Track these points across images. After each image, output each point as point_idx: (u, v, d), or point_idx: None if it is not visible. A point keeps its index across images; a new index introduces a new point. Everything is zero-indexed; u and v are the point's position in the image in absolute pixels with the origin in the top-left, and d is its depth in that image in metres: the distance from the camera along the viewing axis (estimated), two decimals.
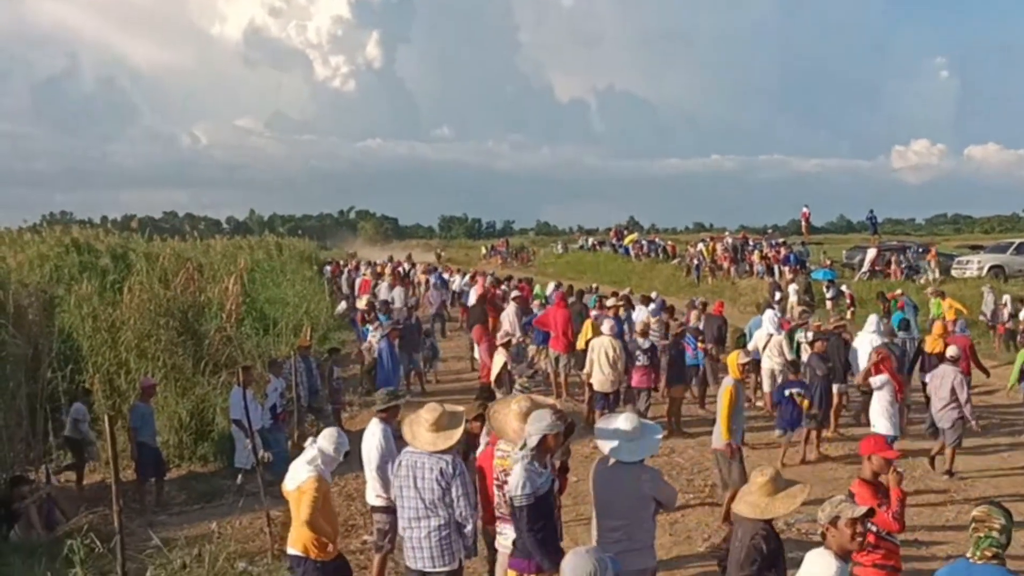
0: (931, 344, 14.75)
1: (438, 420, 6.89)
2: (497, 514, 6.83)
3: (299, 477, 7.03)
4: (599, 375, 14.28)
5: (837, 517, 4.91)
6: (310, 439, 7.29)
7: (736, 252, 41.21)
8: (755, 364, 14.74)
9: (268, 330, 19.93)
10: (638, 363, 14.42)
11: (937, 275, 32.45)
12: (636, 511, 6.28)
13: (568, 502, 7.79)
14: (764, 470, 5.86)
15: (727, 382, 10.39)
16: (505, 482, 6.65)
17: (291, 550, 7.14)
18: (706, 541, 9.84)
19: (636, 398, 14.46)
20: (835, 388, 14.25)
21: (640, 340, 14.62)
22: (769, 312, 17.61)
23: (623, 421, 6.53)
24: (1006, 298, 24.36)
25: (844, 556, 4.95)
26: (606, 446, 6.45)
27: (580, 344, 16.27)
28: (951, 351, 12.75)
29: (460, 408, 7.51)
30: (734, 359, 10.63)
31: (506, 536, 6.73)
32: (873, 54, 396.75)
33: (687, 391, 15.22)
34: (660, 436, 6.61)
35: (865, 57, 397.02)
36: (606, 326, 14.90)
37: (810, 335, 15.28)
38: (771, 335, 15.67)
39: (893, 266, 33.55)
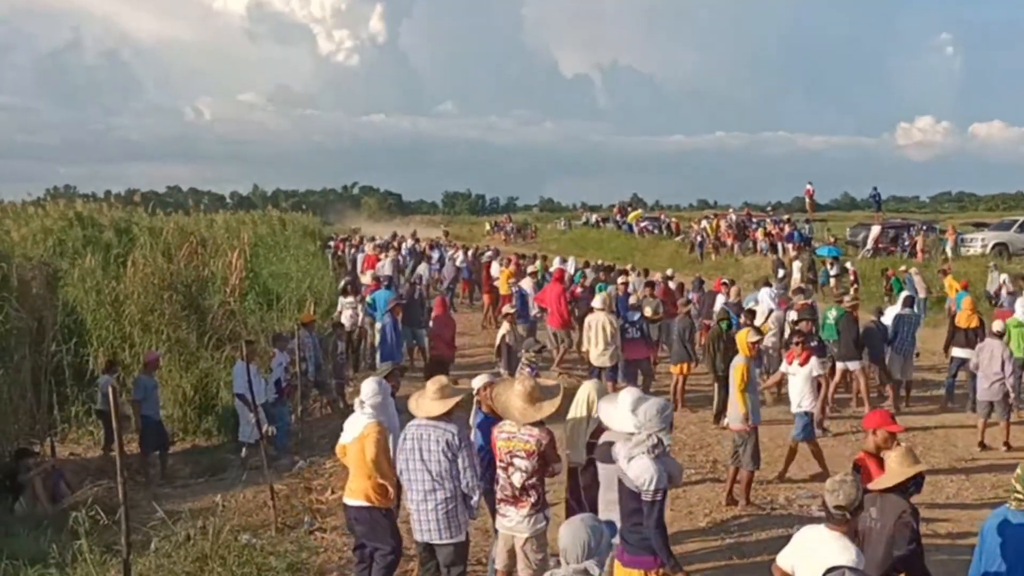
0: (965, 320, 14.79)
1: (441, 389, 6.96)
2: (500, 496, 6.82)
3: (358, 427, 7.22)
4: (595, 351, 14.36)
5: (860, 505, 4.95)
6: (358, 400, 7.40)
7: (740, 229, 41.16)
8: None
9: (271, 305, 19.94)
10: (627, 336, 14.47)
11: (953, 252, 32.21)
12: None
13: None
14: (900, 445, 6.03)
15: (738, 360, 10.34)
16: (511, 463, 6.69)
17: (353, 501, 7.31)
18: (707, 516, 9.88)
19: (633, 373, 14.51)
20: (845, 365, 14.38)
21: (630, 314, 14.70)
22: (767, 289, 17.64)
23: (625, 394, 6.58)
24: (1004, 277, 24.31)
25: (853, 536, 4.96)
26: (611, 422, 6.52)
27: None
28: (997, 325, 13.00)
29: (465, 387, 7.57)
30: (744, 337, 10.59)
31: (509, 519, 6.75)
32: (878, 30, 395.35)
33: (692, 367, 15.15)
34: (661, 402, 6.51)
35: (870, 33, 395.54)
36: (598, 301, 14.98)
37: (793, 315, 15.24)
38: (771, 311, 15.69)
39: (920, 243, 33.00)
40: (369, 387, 7.37)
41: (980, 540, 5.55)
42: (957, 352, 14.63)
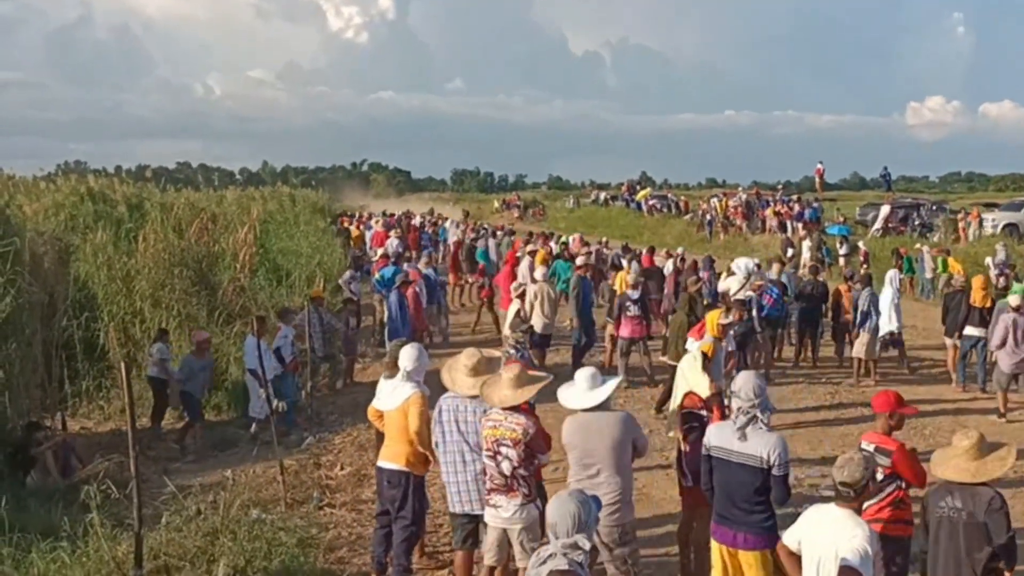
0: (981, 299, 14.75)
1: (476, 365, 6.97)
2: (490, 486, 6.70)
3: (401, 395, 7.25)
4: (539, 319, 14.61)
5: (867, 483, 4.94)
6: (400, 367, 7.40)
7: (749, 208, 41.07)
8: None
9: (281, 281, 19.98)
10: (629, 314, 14.45)
11: (978, 231, 31.94)
12: (614, 458, 6.33)
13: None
14: (968, 433, 5.84)
15: (706, 340, 10.29)
16: (498, 452, 6.57)
17: (391, 465, 7.34)
18: None
19: (629, 350, 14.57)
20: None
21: (630, 292, 14.66)
22: (743, 261, 17.77)
23: (580, 375, 6.63)
24: (988, 261, 24.21)
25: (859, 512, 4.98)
26: (569, 401, 6.54)
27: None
28: (1014, 300, 13.12)
29: (497, 353, 7.58)
30: (714, 318, 10.55)
31: (502, 509, 6.63)
32: (889, 9, 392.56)
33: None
34: (617, 380, 6.75)
35: (881, 12, 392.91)
36: (539, 272, 15.73)
37: (750, 294, 15.22)
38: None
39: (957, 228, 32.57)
40: (409, 354, 7.36)
41: None
42: (971, 331, 14.57)
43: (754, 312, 14.62)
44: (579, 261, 17.46)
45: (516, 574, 6.81)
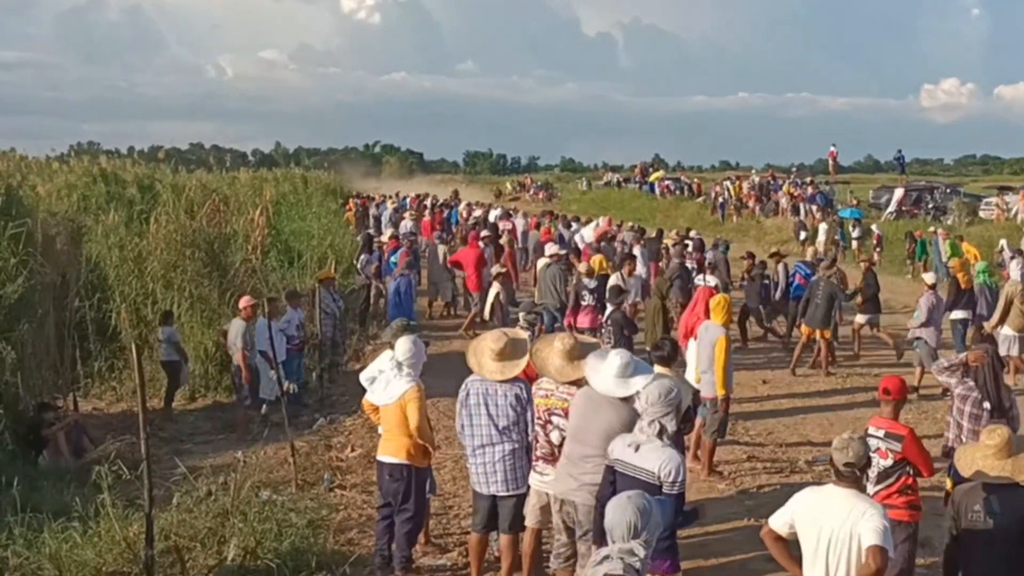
0: (966, 281, 14.80)
1: (503, 349, 6.92)
2: (538, 453, 6.81)
3: (397, 389, 7.21)
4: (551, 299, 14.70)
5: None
6: (392, 358, 7.38)
7: (762, 191, 40.94)
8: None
9: (293, 263, 19.99)
10: (584, 303, 14.16)
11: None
12: (603, 442, 6.08)
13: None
14: (997, 430, 5.65)
15: (719, 332, 9.84)
16: (549, 421, 6.68)
17: (391, 459, 7.36)
18: (727, 479, 9.89)
19: None
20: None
21: (586, 280, 14.34)
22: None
23: (614, 358, 6.29)
24: (1002, 243, 24.07)
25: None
26: (596, 383, 6.29)
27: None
28: (929, 278, 13.84)
29: (524, 335, 7.53)
30: (721, 304, 10.13)
31: (547, 475, 6.72)
32: None
33: None
34: (649, 376, 6.23)
35: None
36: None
37: (712, 279, 15.15)
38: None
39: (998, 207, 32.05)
40: (404, 346, 7.34)
41: None
42: (959, 314, 14.57)
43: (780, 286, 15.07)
44: (551, 249, 17.37)
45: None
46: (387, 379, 7.34)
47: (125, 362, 13.57)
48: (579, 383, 6.57)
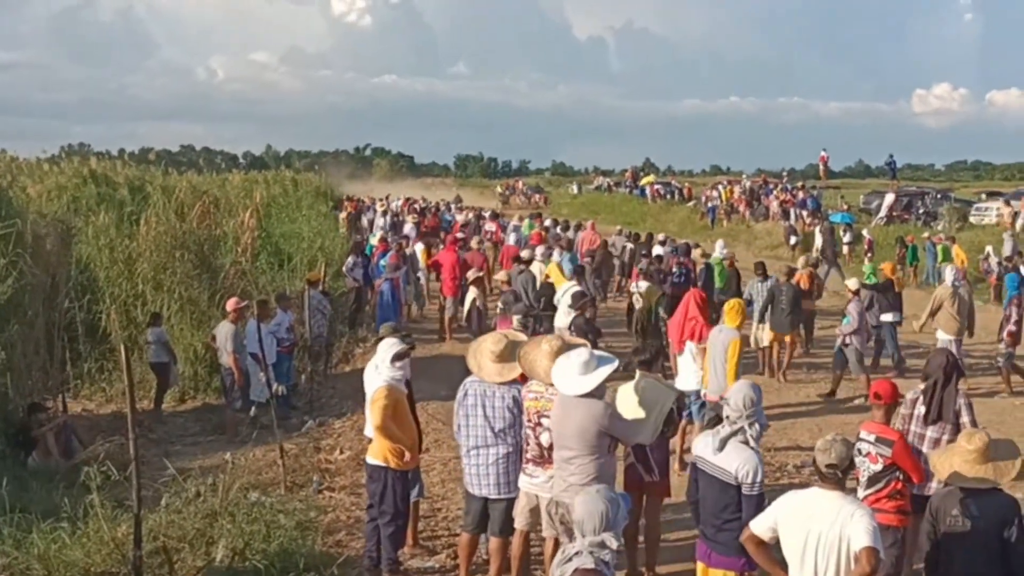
0: (899, 283, 15.44)
1: (502, 351, 6.93)
2: (528, 456, 6.80)
3: (371, 390, 7.28)
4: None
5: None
6: (372, 362, 7.44)
7: (752, 195, 41.04)
8: None
9: (283, 265, 19.99)
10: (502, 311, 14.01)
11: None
12: (588, 444, 6.16)
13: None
14: (977, 434, 5.65)
15: (733, 334, 10.02)
16: (539, 423, 6.65)
17: (371, 460, 7.42)
18: None
19: None
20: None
21: (506, 289, 14.14)
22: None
23: (575, 357, 6.32)
24: (988, 249, 24.20)
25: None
26: (560, 384, 6.32)
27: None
28: (852, 284, 14.00)
29: (523, 337, 7.53)
30: (736, 307, 10.31)
31: (535, 478, 6.73)
32: None
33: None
34: (613, 366, 6.34)
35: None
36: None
37: (643, 285, 15.23)
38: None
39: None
40: (382, 348, 7.38)
41: None
42: (888, 316, 14.94)
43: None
44: (524, 255, 17.31)
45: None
46: (370, 380, 7.40)
47: (115, 363, 13.54)
48: None
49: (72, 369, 13.45)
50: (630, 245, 22.10)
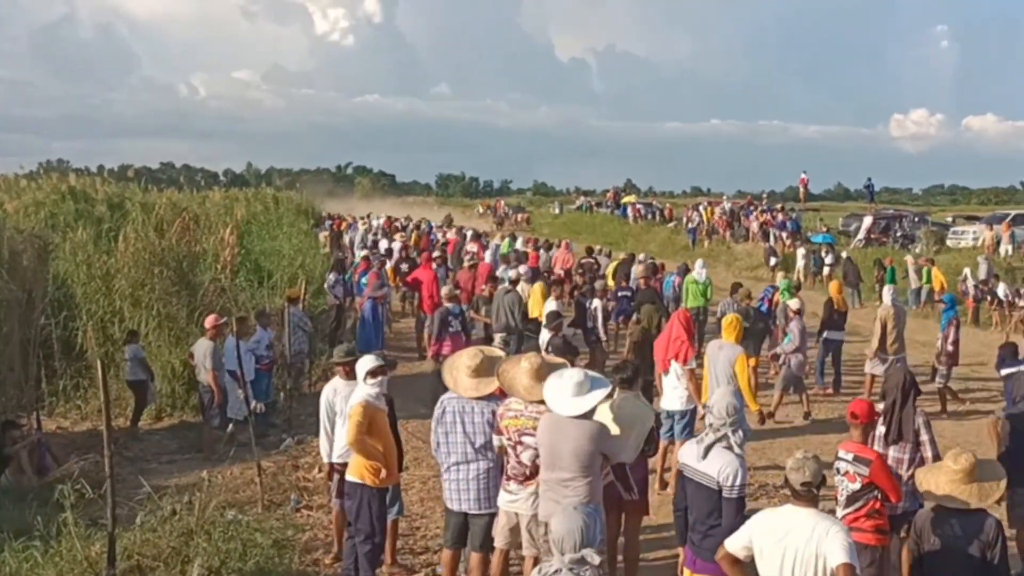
0: (841, 302, 15.67)
1: (479, 366, 6.92)
2: (509, 473, 6.78)
3: (349, 406, 7.22)
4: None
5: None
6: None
7: (733, 217, 41.21)
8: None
9: (263, 282, 19.90)
10: (451, 330, 13.77)
11: (1009, 248, 31.55)
12: (584, 465, 6.18)
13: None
14: (963, 454, 5.67)
15: (736, 350, 10.14)
16: (520, 442, 6.64)
17: (349, 477, 7.34)
18: None
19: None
20: None
21: (449, 306, 14.03)
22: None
23: (568, 378, 6.33)
24: (965, 271, 24.38)
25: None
26: (553, 404, 6.32)
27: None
28: (794, 304, 14.32)
29: (500, 353, 7.54)
30: (733, 323, 10.45)
31: (514, 495, 6.71)
32: (876, 20, 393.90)
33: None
34: (607, 390, 6.45)
35: (868, 23, 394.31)
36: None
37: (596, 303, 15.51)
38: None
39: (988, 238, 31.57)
40: (361, 368, 7.34)
41: None
42: (834, 335, 15.18)
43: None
44: (511, 275, 17.28)
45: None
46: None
47: (91, 381, 13.42)
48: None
49: (47, 386, 13.34)
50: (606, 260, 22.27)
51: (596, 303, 14.94)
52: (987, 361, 16.09)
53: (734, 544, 4.99)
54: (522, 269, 17.62)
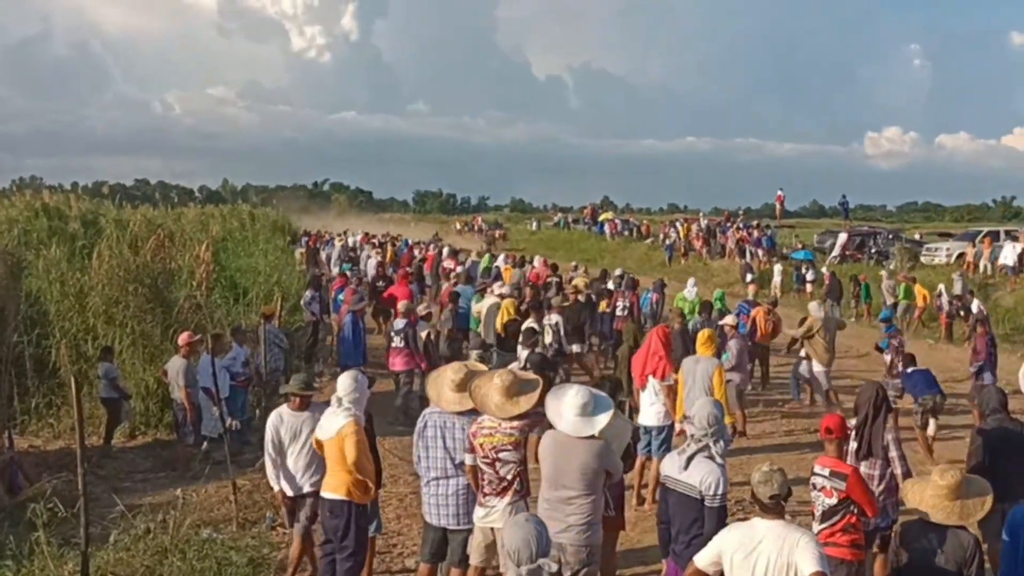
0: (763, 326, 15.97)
1: (463, 380, 6.90)
2: (487, 489, 6.72)
3: (335, 424, 7.10)
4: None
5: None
6: (335, 396, 7.27)
7: (709, 233, 41.45)
8: None
9: (239, 299, 19.83)
10: (394, 345, 14.15)
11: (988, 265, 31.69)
12: (589, 483, 6.21)
13: None
14: (950, 471, 5.68)
15: (713, 362, 10.29)
16: (497, 459, 6.60)
17: (331, 495, 7.23)
18: None
19: (400, 381, 14.37)
20: None
21: (397, 322, 14.27)
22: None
23: (574, 398, 6.35)
24: (940, 288, 24.62)
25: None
26: (559, 424, 6.35)
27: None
28: (730, 320, 14.46)
29: (484, 367, 7.53)
30: (708, 336, 10.56)
31: (492, 509, 6.67)
32: (850, 39, 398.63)
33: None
34: (611, 412, 6.48)
35: (842, 42, 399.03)
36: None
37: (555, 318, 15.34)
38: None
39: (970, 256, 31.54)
40: (345, 383, 7.27)
41: (1011, 537, 5.65)
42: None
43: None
44: (504, 290, 17.47)
45: None
46: (330, 413, 7.27)
47: (64, 399, 13.29)
48: (522, 418, 6.58)
49: (20, 404, 13.19)
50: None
51: (556, 318, 14.84)
52: (961, 377, 16.27)
53: (703, 559, 4.99)
54: (505, 289, 17.64)
